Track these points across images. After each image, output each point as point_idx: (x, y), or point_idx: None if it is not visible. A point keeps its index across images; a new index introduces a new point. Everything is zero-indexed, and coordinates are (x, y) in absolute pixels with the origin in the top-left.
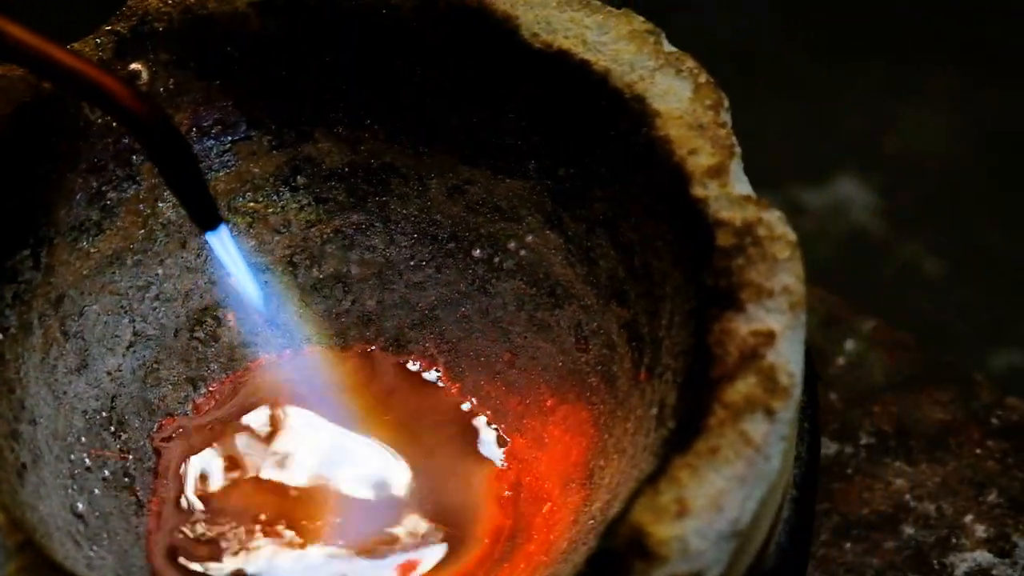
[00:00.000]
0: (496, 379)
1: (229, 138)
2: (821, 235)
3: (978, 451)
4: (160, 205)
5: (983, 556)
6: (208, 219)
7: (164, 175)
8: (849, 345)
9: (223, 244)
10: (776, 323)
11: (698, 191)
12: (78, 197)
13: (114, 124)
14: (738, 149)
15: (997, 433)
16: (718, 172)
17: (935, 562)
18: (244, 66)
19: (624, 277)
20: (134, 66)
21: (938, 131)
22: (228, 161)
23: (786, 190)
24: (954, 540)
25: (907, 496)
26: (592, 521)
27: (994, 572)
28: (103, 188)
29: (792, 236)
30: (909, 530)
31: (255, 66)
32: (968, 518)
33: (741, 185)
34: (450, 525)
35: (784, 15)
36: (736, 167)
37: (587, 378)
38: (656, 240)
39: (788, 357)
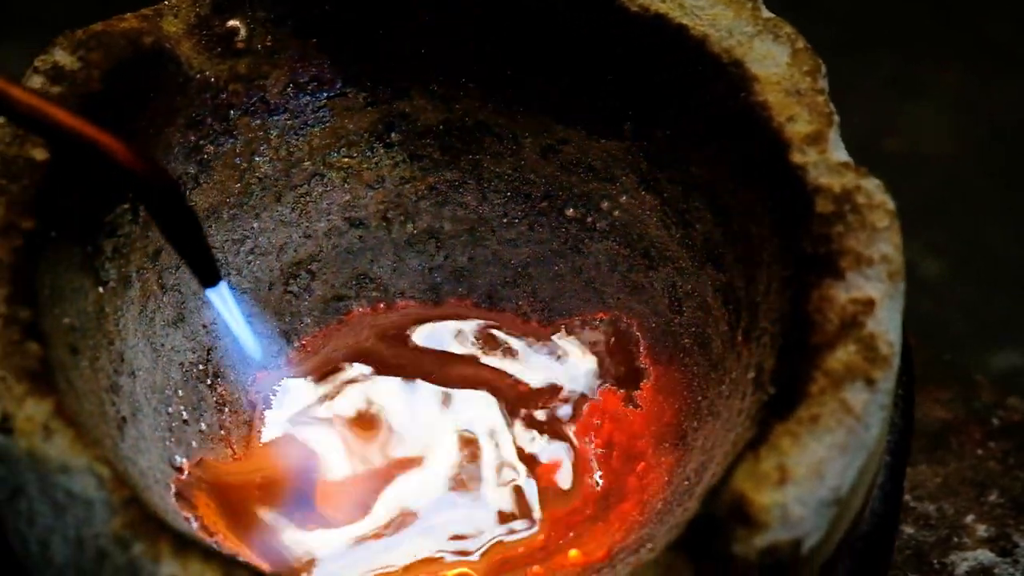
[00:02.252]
0: None
1: (325, 94)
2: None
3: (979, 451)
4: (256, 159)
5: (984, 555)
6: (208, 276)
7: (165, 233)
8: None
9: (222, 299)
10: (875, 291)
11: (797, 157)
12: (176, 151)
13: (213, 79)
14: (836, 117)
15: (998, 433)
16: (817, 139)
17: (935, 562)
18: (340, 24)
19: (720, 241)
20: (232, 23)
21: (939, 131)
22: (323, 117)
23: None
24: (955, 539)
25: (907, 496)
26: (687, 482)
27: (995, 571)
28: (200, 142)
29: (891, 204)
30: (909, 530)
31: (351, 24)
32: (969, 518)
33: (839, 152)
34: (544, 482)
35: (786, 13)
36: (834, 134)
37: (681, 340)
38: (754, 205)
39: (887, 326)
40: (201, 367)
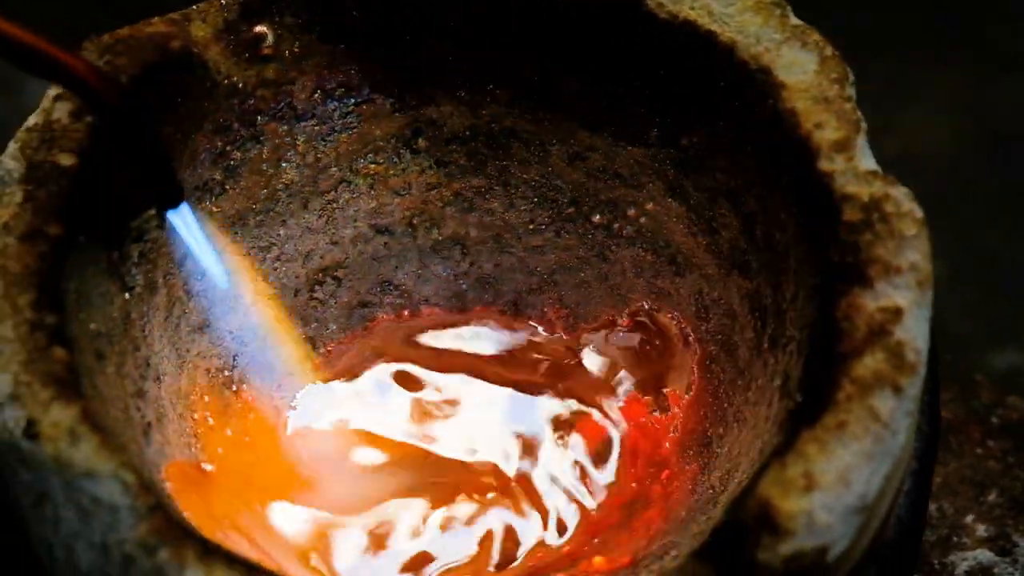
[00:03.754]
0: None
1: (352, 100)
2: None
3: (979, 450)
4: (283, 165)
5: (984, 555)
6: (169, 198)
7: (124, 151)
8: None
9: (185, 222)
10: (903, 300)
11: (824, 165)
12: (202, 157)
13: (240, 84)
14: (864, 124)
15: (998, 432)
16: (844, 146)
17: (936, 562)
18: (367, 30)
19: (747, 248)
20: (259, 28)
21: (938, 132)
22: (351, 123)
23: None
24: (955, 539)
25: None
26: (711, 491)
27: (995, 571)
28: (227, 148)
29: (919, 213)
30: None
31: (378, 30)
32: (969, 518)
33: (867, 160)
34: (569, 488)
35: None
36: (862, 142)
37: (707, 347)
38: (780, 212)
39: (915, 334)
40: (227, 373)
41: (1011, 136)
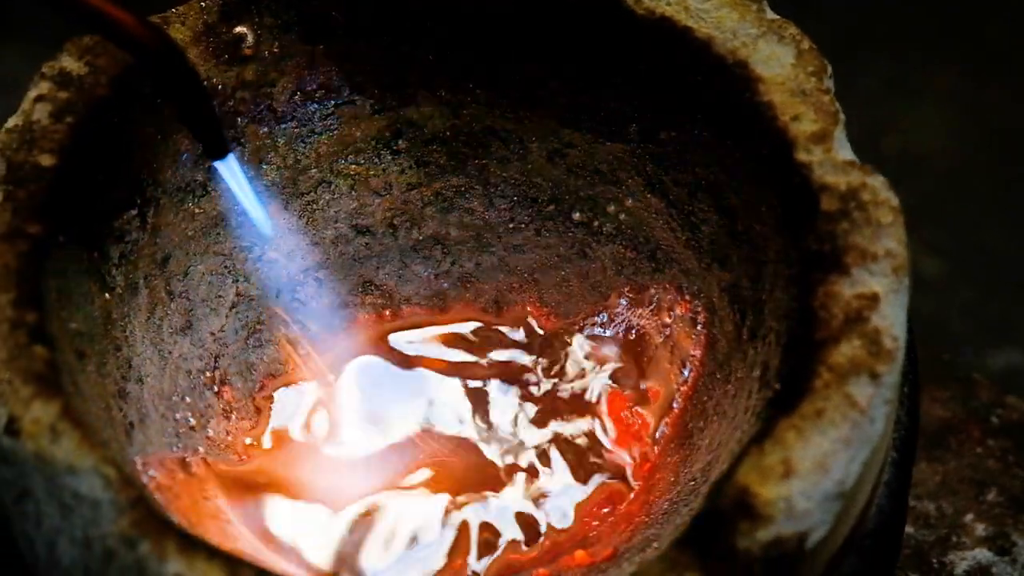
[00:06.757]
0: None
1: (332, 102)
2: None
3: (978, 450)
4: (264, 167)
5: (983, 554)
6: (217, 148)
7: (171, 102)
8: None
9: (232, 172)
10: (880, 286)
11: (802, 156)
12: (184, 158)
13: (220, 86)
14: (842, 116)
15: (997, 432)
16: (822, 137)
17: (935, 561)
18: (347, 31)
19: (726, 241)
20: (239, 29)
21: (937, 131)
22: (331, 125)
23: None
24: (954, 539)
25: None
26: (693, 482)
27: (994, 570)
28: None
29: (895, 201)
30: (909, 529)
31: (358, 31)
32: (968, 517)
33: (845, 151)
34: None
35: (782, 13)
36: (840, 133)
37: (688, 341)
38: (759, 205)
39: (892, 320)
40: (208, 374)
41: (1009, 135)
